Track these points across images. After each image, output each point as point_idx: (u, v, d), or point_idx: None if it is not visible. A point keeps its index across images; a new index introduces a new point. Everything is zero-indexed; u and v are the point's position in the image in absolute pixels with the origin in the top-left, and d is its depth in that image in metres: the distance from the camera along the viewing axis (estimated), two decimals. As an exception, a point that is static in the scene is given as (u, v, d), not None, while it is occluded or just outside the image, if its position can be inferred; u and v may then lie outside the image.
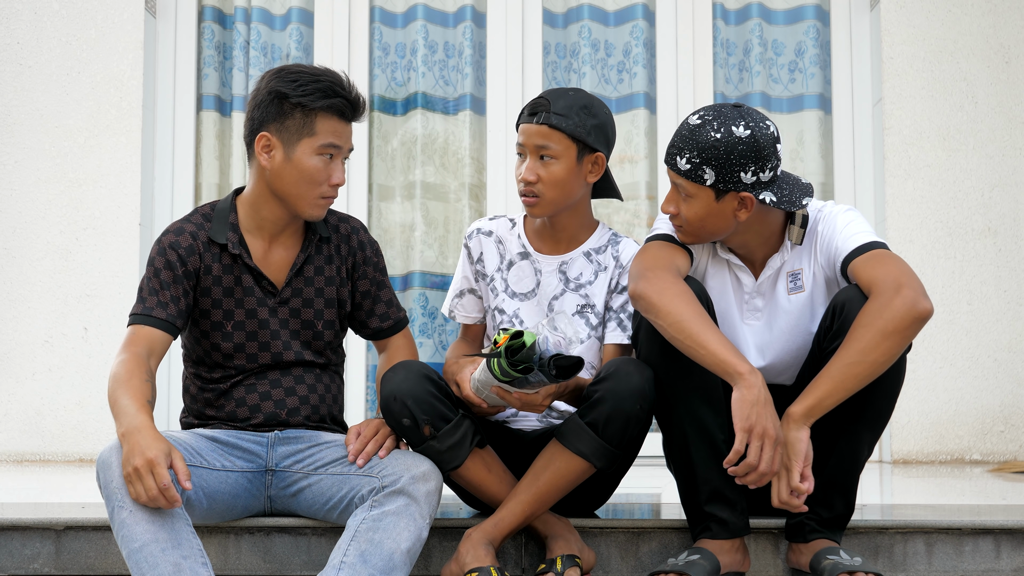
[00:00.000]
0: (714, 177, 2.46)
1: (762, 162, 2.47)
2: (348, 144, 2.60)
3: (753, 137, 2.46)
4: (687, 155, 2.48)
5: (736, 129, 2.45)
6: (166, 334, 2.52)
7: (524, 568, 2.69)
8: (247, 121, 2.60)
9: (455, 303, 2.87)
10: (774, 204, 2.49)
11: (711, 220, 2.52)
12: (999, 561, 2.69)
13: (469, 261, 2.84)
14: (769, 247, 2.61)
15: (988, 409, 4.79)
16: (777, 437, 2.34)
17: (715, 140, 2.45)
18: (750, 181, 2.47)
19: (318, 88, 2.54)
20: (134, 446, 2.25)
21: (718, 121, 2.47)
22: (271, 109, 2.55)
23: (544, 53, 5.15)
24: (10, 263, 4.85)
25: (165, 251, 2.58)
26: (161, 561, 2.24)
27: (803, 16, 5.13)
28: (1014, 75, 4.87)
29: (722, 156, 2.45)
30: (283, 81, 2.55)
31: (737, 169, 2.45)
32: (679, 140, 2.51)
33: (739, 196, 2.49)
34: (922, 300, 2.38)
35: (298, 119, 2.54)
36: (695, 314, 2.41)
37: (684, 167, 2.49)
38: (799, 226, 2.58)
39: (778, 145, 2.50)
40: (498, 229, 2.83)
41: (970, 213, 4.83)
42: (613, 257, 2.76)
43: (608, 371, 2.51)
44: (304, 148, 2.54)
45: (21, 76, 4.90)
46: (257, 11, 5.16)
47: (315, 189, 2.56)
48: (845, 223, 2.57)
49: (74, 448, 4.80)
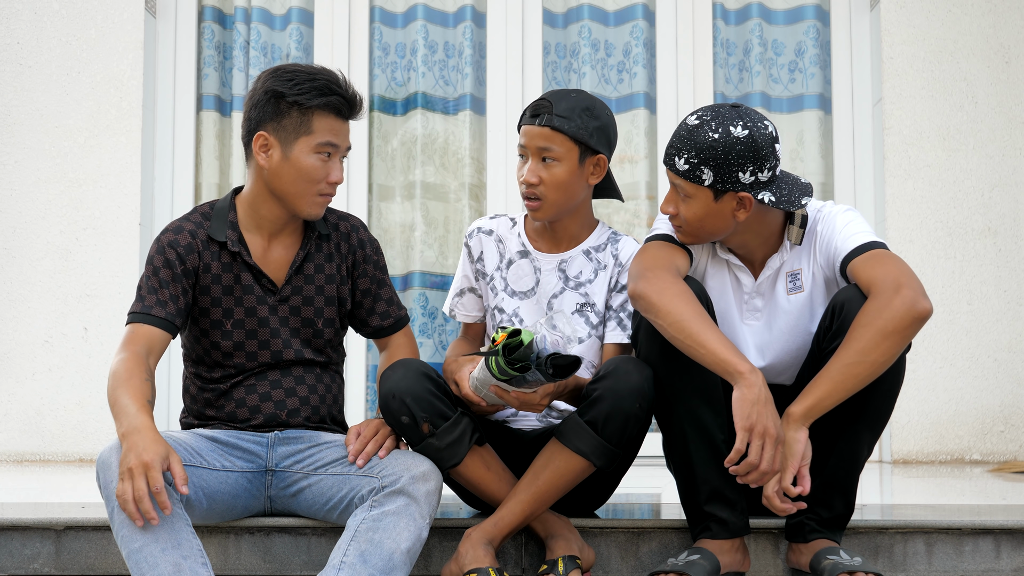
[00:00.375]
0: (712, 177, 2.46)
1: (760, 162, 2.47)
2: (346, 143, 2.59)
3: (751, 137, 2.46)
4: (685, 155, 2.48)
5: (734, 129, 2.45)
6: (165, 332, 2.52)
7: (524, 568, 2.69)
8: (244, 121, 2.60)
9: (455, 302, 2.88)
10: (772, 204, 2.49)
11: (710, 220, 2.52)
12: (999, 561, 2.69)
13: (470, 260, 2.84)
14: (768, 247, 2.61)
15: (988, 409, 4.79)
16: (778, 436, 2.34)
17: (713, 140, 2.46)
18: (748, 181, 2.47)
19: (314, 86, 2.53)
20: (132, 447, 2.25)
21: (716, 121, 2.47)
22: (268, 108, 2.55)
23: (544, 53, 5.15)
24: (10, 263, 4.85)
25: (164, 249, 2.58)
26: (161, 561, 2.24)
27: (803, 16, 5.13)
28: (1014, 75, 4.87)
29: (720, 156, 2.45)
30: (279, 80, 2.55)
31: (735, 169, 2.45)
32: (677, 141, 2.51)
33: (737, 196, 2.49)
34: (921, 300, 2.38)
35: (295, 118, 2.54)
36: (695, 314, 2.41)
37: (682, 167, 2.49)
38: (798, 226, 2.58)
39: (776, 145, 2.50)
40: (498, 228, 2.83)
41: (970, 213, 4.83)
42: (612, 255, 2.76)
43: (607, 370, 2.51)
44: (301, 147, 2.54)
45: (21, 76, 4.90)
46: (257, 11, 5.16)
47: (313, 187, 2.56)
48: (844, 223, 2.57)
49: (74, 448, 4.80)
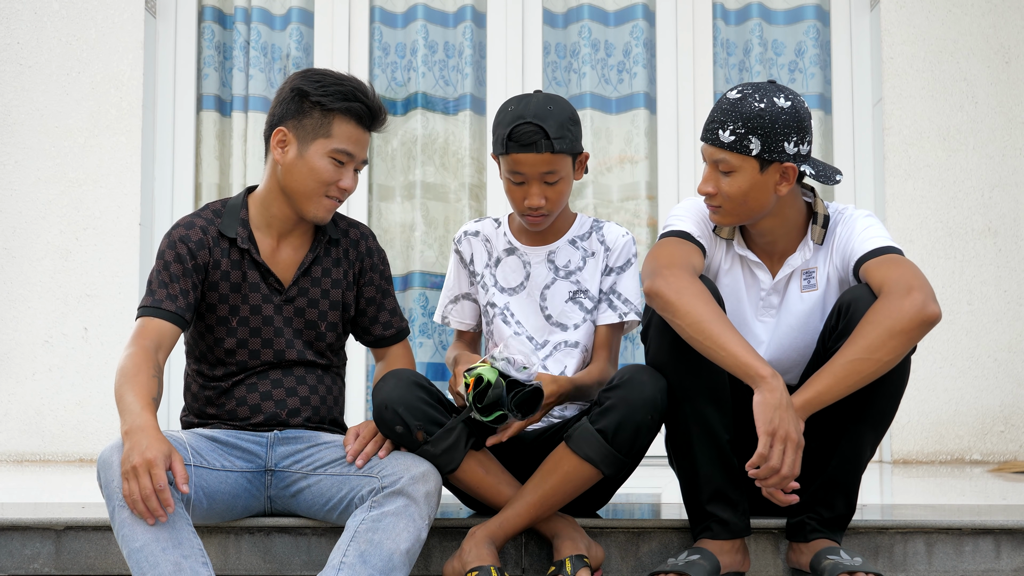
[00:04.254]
0: (760, 146, 2.48)
1: (803, 133, 2.50)
2: (362, 154, 2.60)
3: (794, 108, 2.50)
4: (731, 127, 2.49)
5: (778, 101, 2.49)
6: (175, 327, 2.53)
7: (524, 568, 2.69)
8: (268, 116, 2.63)
9: (448, 309, 2.89)
10: (813, 177, 2.52)
11: (753, 194, 2.52)
12: (999, 561, 2.69)
13: (462, 265, 2.87)
14: (789, 241, 2.62)
15: (988, 409, 4.79)
16: (799, 441, 2.35)
17: (760, 110, 2.48)
18: (792, 152, 2.49)
19: (340, 91, 2.56)
20: (135, 445, 2.25)
21: (759, 93, 2.50)
22: (291, 106, 2.57)
23: (544, 53, 5.15)
24: (10, 263, 4.85)
25: (175, 244, 2.59)
26: (161, 560, 2.24)
27: (803, 16, 5.13)
28: (1014, 75, 4.87)
29: (767, 125, 2.47)
30: (307, 80, 2.58)
31: (781, 139, 2.48)
32: (720, 115, 2.52)
33: (782, 168, 2.50)
34: (931, 304, 2.39)
35: (316, 118, 2.55)
36: (715, 315, 2.41)
37: (728, 139, 2.49)
38: (821, 226, 2.60)
39: (811, 120, 2.55)
40: (484, 229, 2.87)
41: (970, 213, 4.83)
42: (599, 241, 2.81)
43: (622, 378, 2.52)
44: (317, 148, 2.56)
45: (21, 76, 4.90)
46: (257, 11, 5.16)
47: (321, 189, 2.57)
48: (864, 227, 2.58)
49: (74, 448, 4.80)
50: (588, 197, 5.10)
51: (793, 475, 2.35)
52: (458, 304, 2.88)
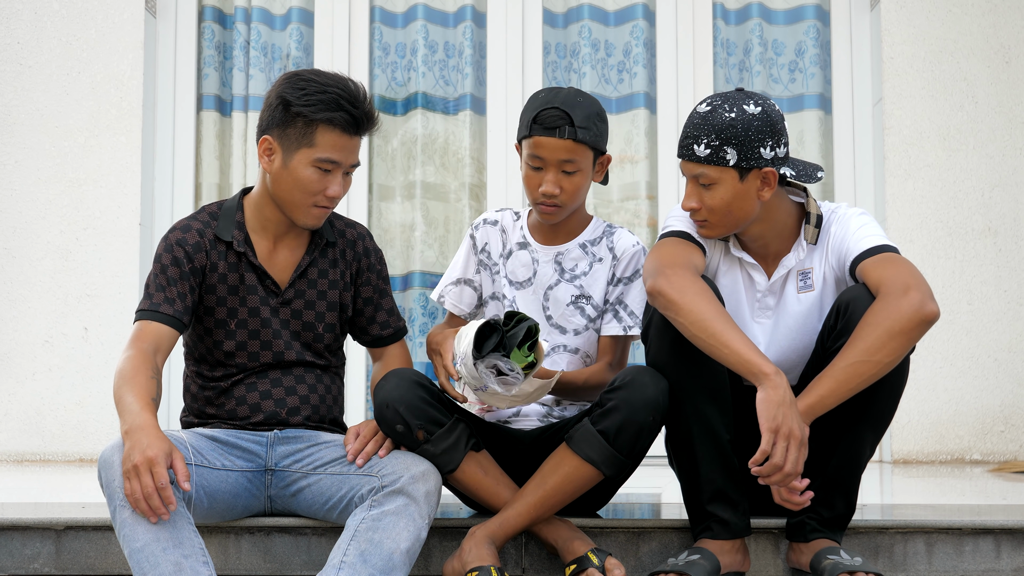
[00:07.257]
0: (736, 156, 2.48)
1: (777, 136, 2.50)
2: (349, 160, 2.56)
3: (765, 113, 2.49)
4: (705, 140, 2.49)
5: (748, 107, 2.49)
6: (173, 330, 2.52)
7: (524, 568, 2.69)
8: (258, 121, 2.61)
9: (448, 289, 2.88)
10: (793, 178, 2.52)
11: (737, 204, 2.52)
12: (999, 561, 2.69)
13: (473, 251, 2.86)
14: (783, 242, 2.62)
15: (988, 409, 4.79)
16: (802, 438, 2.34)
17: (731, 119, 2.47)
18: (769, 156, 2.49)
19: (322, 99, 2.51)
20: (136, 444, 2.25)
21: (729, 103, 2.50)
22: (276, 114, 2.54)
23: (544, 53, 5.15)
24: (10, 263, 4.85)
25: (172, 247, 2.58)
26: (162, 560, 2.24)
27: (803, 16, 5.13)
28: (1014, 75, 4.87)
29: (740, 134, 2.47)
30: (291, 87, 2.53)
31: (756, 145, 2.48)
32: (693, 130, 2.52)
33: (762, 173, 2.50)
34: (929, 303, 2.39)
35: (299, 128, 2.53)
36: (717, 313, 2.41)
37: (704, 153, 2.49)
38: (814, 226, 2.59)
39: (784, 122, 2.55)
40: (503, 219, 2.87)
41: (970, 213, 4.83)
42: (608, 248, 2.80)
43: (624, 380, 2.52)
44: (301, 158, 2.53)
45: (21, 76, 4.90)
46: (257, 11, 5.16)
47: (308, 199, 2.56)
48: (858, 226, 2.58)
49: (74, 448, 4.80)
50: (588, 197, 5.09)
51: (796, 472, 2.35)
52: (458, 287, 2.88)
